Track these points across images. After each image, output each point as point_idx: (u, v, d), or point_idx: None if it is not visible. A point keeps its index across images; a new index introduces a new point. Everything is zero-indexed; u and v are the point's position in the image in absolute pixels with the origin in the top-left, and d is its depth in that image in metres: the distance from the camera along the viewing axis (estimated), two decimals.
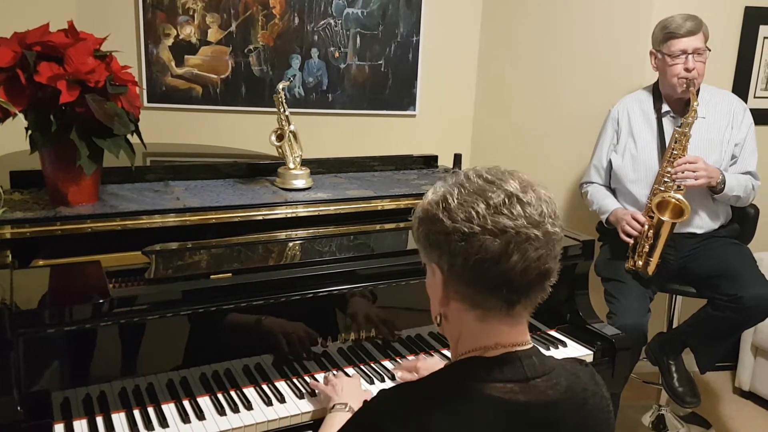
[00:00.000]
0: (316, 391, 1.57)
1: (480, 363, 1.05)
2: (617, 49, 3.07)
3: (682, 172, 2.49)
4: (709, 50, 2.60)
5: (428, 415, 1.00)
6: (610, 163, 2.77)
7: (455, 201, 1.02)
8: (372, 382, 1.66)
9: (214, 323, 1.58)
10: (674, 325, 2.88)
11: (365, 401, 1.09)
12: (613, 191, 2.80)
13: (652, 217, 2.54)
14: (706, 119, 2.61)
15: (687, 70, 2.54)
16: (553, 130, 3.28)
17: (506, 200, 1.01)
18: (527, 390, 1.03)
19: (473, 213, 1.00)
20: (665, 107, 2.68)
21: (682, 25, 2.54)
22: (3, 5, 2.69)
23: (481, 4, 3.36)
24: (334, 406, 1.44)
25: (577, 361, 1.17)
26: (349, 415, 1.35)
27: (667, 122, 2.67)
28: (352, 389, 1.51)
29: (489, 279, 1.01)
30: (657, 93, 2.72)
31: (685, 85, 2.55)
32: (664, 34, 2.58)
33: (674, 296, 2.87)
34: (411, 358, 1.78)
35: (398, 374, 1.68)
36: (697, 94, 2.54)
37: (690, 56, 2.54)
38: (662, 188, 2.54)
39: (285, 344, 1.66)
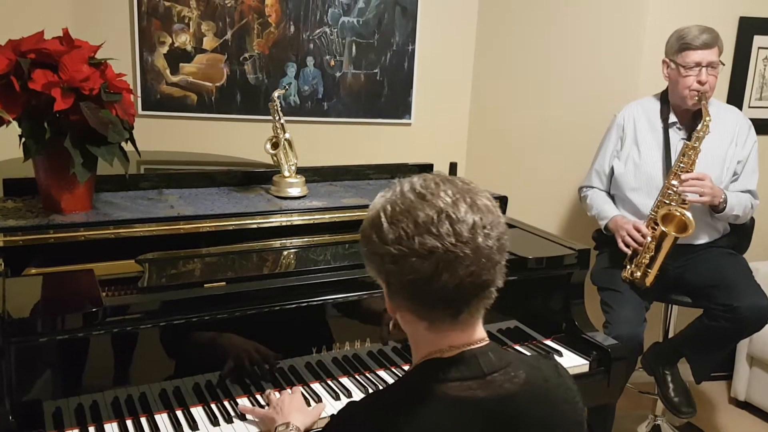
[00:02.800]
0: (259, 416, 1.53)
1: (437, 364, 1.07)
2: (611, 59, 3.08)
3: (689, 187, 2.46)
4: (723, 64, 2.57)
5: (392, 419, 1.02)
6: (611, 169, 2.76)
7: (386, 222, 1.04)
8: (367, 392, 1.65)
9: (208, 332, 1.57)
10: (670, 335, 2.87)
11: (332, 415, 1.10)
12: (612, 198, 2.79)
13: (655, 229, 2.53)
14: (711, 134, 2.58)
15: (700, 83, 2.51)
16: (548, 138, 3.29)
17: (434, 218, 1.01)
18: (485, 386, 1.05)
19: (402, 234, 1.01)
20: (672, 117, 2.66)
21: (698, 37, 2.51)
22: None
23: (477, 13, 3.37)
24: (276, 428, 1.42)
25: (542, 355, 1.18)
26: None
27: (673, 133, 2.65)
28: (293, 406, 1.49)
29: (425, 296, 1.03)
30: (665, 102, 2.69)
31: (696, 98, 2.52)
32: (680, 44, 2.54)
33: (670, 306, 2.86)
34: (406, 368, 1.77)
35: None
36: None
37: (704, 69, 2.51)
38: (667, 201, 2.52)
39: (279, 354, 1.65)
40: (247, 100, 3.11)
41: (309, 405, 1.56)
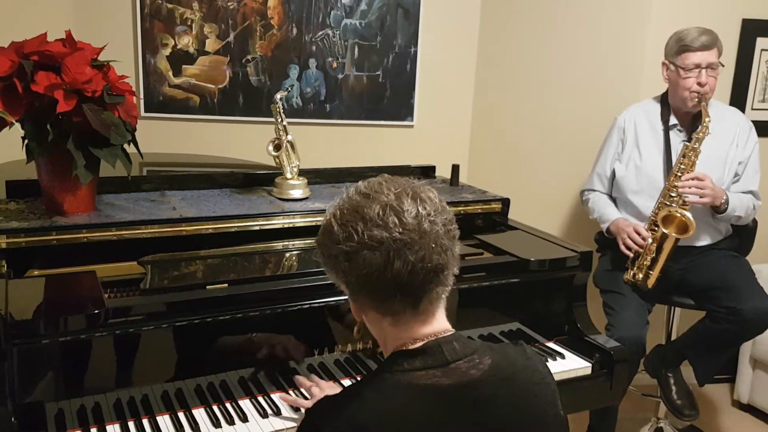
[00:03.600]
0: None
1: (402, 356, 1.11)
2: (614, 61, 3.07)
3: (689, 188, 2.47)
4: (722, 65, 2.57)
5: (357, 409, 1.05)
6: (613, 172, 2.75)
7: (337, 224, 1.10)
8: None
9: (210, 334, 1.57)
10: (673, 338, 2.87)
11: (307, 410, 1.13)
12: (614, 200, 2.79)
13: (655, 230, 2.53)
14: (712, 135, 2.58)
15: (700, 84, 2.51)
16: (550, 140, 3.28)
17: (380, 212, 1.07)
18: (449, 373, 1.08)
19: (351, 231, 1.07)
20: (673, 119, 2.66)
21: (698, 38, 2.51)
22: (1, 15, 2.69)
23: (479, 15, 3.37)
24: None
25: (509, 343, 1.22)
26: None
27: (673, 135, 2.65)
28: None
29: (382, 288, 1.08)
30: (666, 104, 2.69)
31: (696, 100, 2.53)
32: (679, 46, 2.55)
33: (673, 308, 2.86)
34: None
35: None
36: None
37: (703, 71, 2.51)
38: (668, 202, 2.52)
39: (281, 355, 1.64)
40: (249, 102, 3.11)
41: None
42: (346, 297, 1.66)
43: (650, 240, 2.52)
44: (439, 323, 1.14)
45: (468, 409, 1.07)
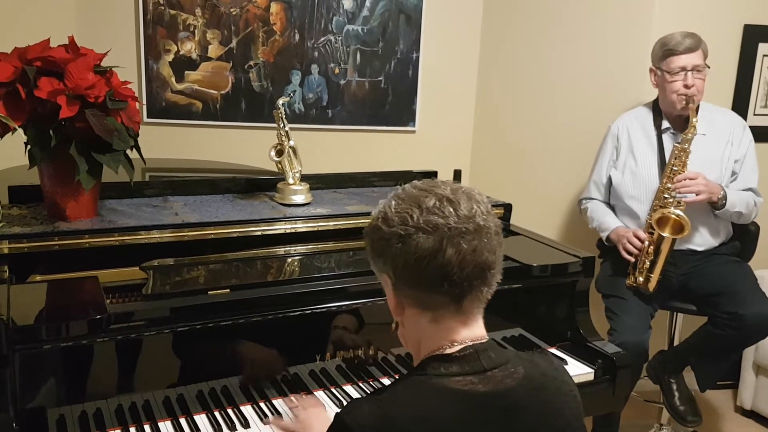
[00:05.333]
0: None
1: (439, 360, 1.11)
2: (617, 67, 3.08)
3: (683, 188, 2.48)
4: (708, 67, 2.60)
5: (391, 408, 1.05)
6: (609, 179, 2.76)
7: (392, 210, 1.12)
8: None
9: (212, 340, 1.57)
10: (675, 343, 2.86)
11: (336, 413, 1.11)
12: (612, 208, 2.79)
13: (652, 233, 2.54)
14: (706, 136, 2.62)
15: (686, 86, 2.55)
16: (552, 146, 3.28)
17: (437, 203, 1.09)
18: (485, 381, 1.08)
19: (408, 217, 1.09)
20: (665, 124, 2.69)
21: (681, 42, 2.55)
22: (4, 21, 2.71)
23: (480, 21, 3.38)
24: None
25: (538, 351, 1.22)
26: None
27: (667, 139, 2.67)
28: (319, 422, 1.48)
29: (430, 275, 1.08)
30: (657, 110, 2.73)
31: (684, 102, 2.55)
32: (664, 51, 2.59)
33: (675, 314, 2.85)
34: None
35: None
36: (697, 111, 2.54)
37: (689, 73, 2.55)
38: (662, 204, 2.54)
39: (283, 361, 1.64)
40: (251, 107, 3.12)
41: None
42: (348, 302, 1.69)
43: (647, 242, 2.53)
44: (479, 328, 1.14)
45: (500, 417, 1.07)
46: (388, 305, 1.18)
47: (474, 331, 1.13)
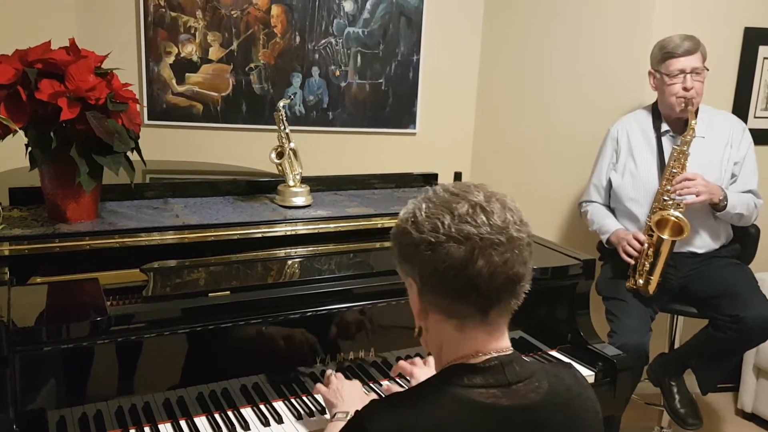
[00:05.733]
0: (318, 399, 1.55)
1: (463, 370, 1.08)
2: (617, 69, 3.08)
3: (682, 189, 2.49)
4: (707, 70, 2.61)
5: (411, 415, 1.03)
6: (609, 182, 2.77)
7: (423, 214, 1.07)
8: None
9: (212, 342, 1.57)
10: (676, 346, 2.86)
11: (356, 411, 1.10)
12: (612, 210, 2.79)
13: (651, 236, 2.54)
14: (706, 139, 2.62)
15: (685, 89, 2.55)
16: (552, 149, 3.28)
17: (470, 210, 1.05)
18: (509, 394, 1.06)
19: (438, 224, 1.05)
20: (664, 126, 2.69)
21: (680, 44, 2.56)
22: (5, 23, 2.71)
23: (481, 23, 3.38)
24: (335, 414, 1.42)
25: (561, 364, 1.19)
26: None
27: (666, 141, 2.68)
28: (355, 395, 1.49)
29: (458, 285, 1.04)
30: (656, 112, 2.73)
31: (683, 104, 2.56)
32: (662, 54, 2.60)
33: (675, 317, 2.85)
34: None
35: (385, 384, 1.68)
36: (697, 113, 2.55)
37: (688, 75, 2.55)
38: (661, 207, 2.54)
39: (283, 364, 1.64)
40: (252, 109, 3.12)
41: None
42: (349, 305, 1.69)
43: (646, 244, 2.54)
44: (504, 340, 1.11)
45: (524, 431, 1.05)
46: (411, 308, 1.15)
47: (499, 342, 1.10)
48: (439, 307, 1.09)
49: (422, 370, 1.58)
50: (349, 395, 1.49)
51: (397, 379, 1.75)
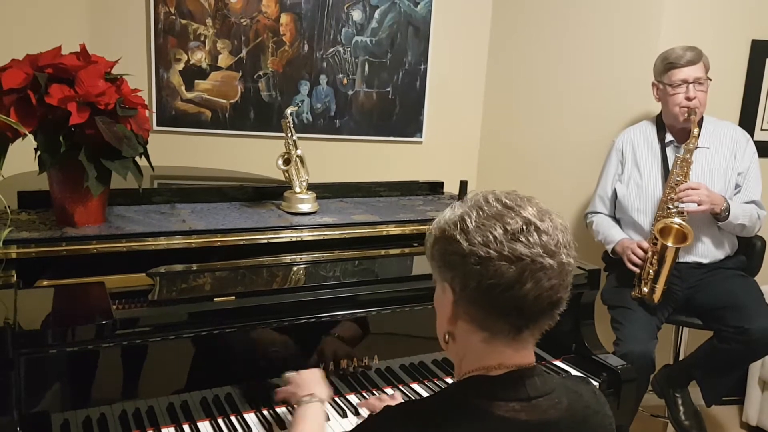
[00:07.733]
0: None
1: (483, 381, 1.06)
2: (624, 80, 3.08)
3: (685, 197, 2.49)
4: (710, 80, 2.61)
5: (426, 426, 1.01)
6: (614, 192, 2.77)
7: (473, 223, 1.03)
8: None
9: (216, 347, 1.57)
10: (680, 357, 2.85)
11: (370, 414, 1.09)
12: (617, 221, 2.80)
13: (655, 243, 2.54)
14: (710, 149, 2.63)
15: (688, 99, 2.57)
16: (558, 159, 3.29)
17: (524, 227, 1.01)
18: (529, 409, 1.04)
19: (490, 237, 1.01)
20: (669, 137, 2.70)
21: (683, 55, 2.58)
22: (17, 28, 2.73)
23: (489, 33, 3.39)
24: (299, 400, 1.43)
25: (581, 379, 1.17)
26: (317, 405, 1.40)
27: (671, 152, 2.68)
28: (313, 379, 1.50)
29: (500, 304, 1.01)
30: (660, 123, 2.74)
31: (686, 114, 2.57)
32: (665, 64, 2.62)
33: (681, 328, 2.84)
34: (414, 386, 1.77)
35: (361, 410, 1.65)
36: (700, 124, 2.56)
37: (691, 86, 2.57)
38: (665, 215, 2.54)
39: (286, 369, 1.64)
40: (260, 117, 3.14)
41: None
42: (353, 311, 1.69)
43: (650, 252, 2.54)
44: (529, 355, 1.09)
45: None
46: (437, 311, 1.12)
47: (523, 357, 1.08)
48: (473, 319, 1.06)
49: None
50: (305, 380, 1.50)
51: (401, 387, 1.76)
